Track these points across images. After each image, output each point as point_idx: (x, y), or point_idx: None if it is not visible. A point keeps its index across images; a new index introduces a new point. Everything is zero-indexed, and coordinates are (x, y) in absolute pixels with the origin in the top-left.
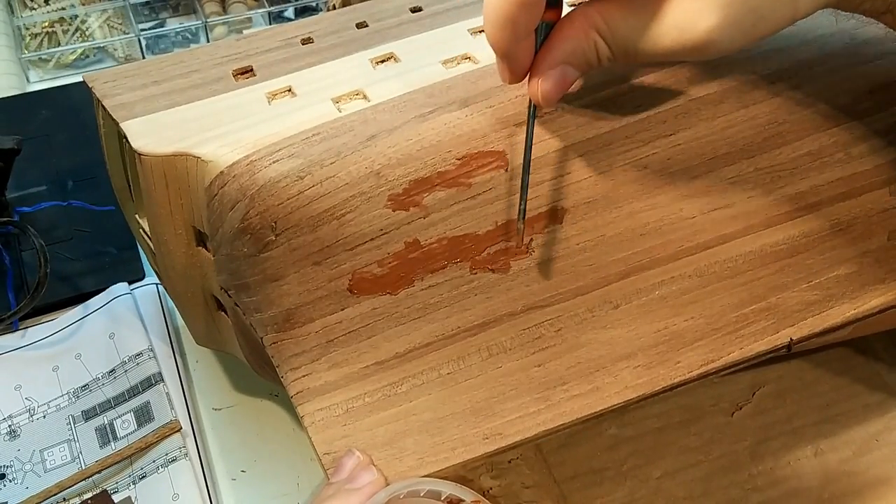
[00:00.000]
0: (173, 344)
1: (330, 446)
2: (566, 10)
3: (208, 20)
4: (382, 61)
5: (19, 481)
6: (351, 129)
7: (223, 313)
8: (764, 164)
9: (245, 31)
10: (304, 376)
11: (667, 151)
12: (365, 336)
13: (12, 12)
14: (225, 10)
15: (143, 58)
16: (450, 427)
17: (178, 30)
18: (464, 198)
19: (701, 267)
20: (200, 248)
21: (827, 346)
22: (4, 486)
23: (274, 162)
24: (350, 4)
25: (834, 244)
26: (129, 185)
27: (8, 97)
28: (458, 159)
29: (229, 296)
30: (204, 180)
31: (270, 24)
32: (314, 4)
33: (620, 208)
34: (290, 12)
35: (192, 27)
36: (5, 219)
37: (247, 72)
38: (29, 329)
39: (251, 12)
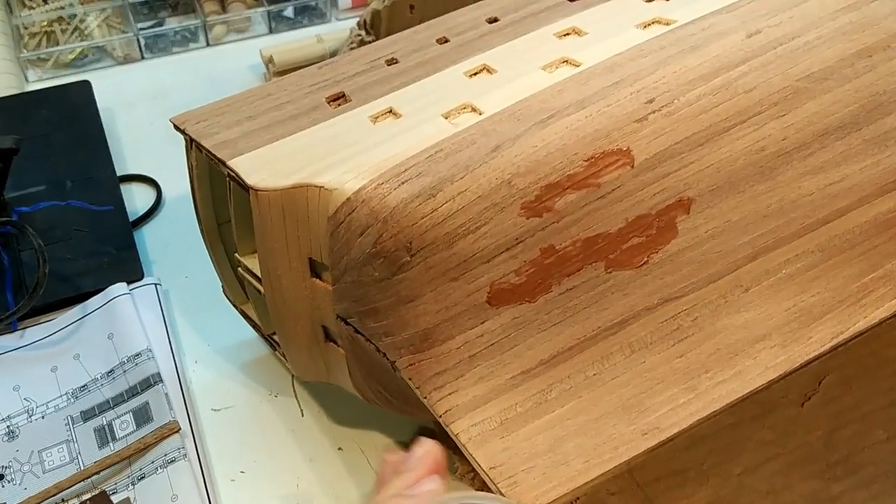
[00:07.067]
0: (172, 345)
1: (494, 460)
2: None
3: (207, 19)
4: (476, 73)
5: (18, 482)
6: (473, 142)
7: (332, 343)
8: (870, 134)
9: (316, 64)
10: (450, 394)
11: (781, 132)
12: (508, 347)
13: (11, 11)
14: (224, 10)
15: (142, 57)
16: (606, 427)
17: (177, 29)
18: (594, 198)
19: (822, 242)
20: (314, 279)
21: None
22: (3, 486)
23: (402, 183)
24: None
25: None
26: (220, 225)
27: (6, 97)
28: (586, 160)
29: (348, 324)
30: (328, 209)
31: (270, 23)
32: (314, 4)
33: (743, 192)
34: (289, 12)
35: (191, 26)
36: (4, 219)
37: (340, 97)
38: (28, 329)
39: (250, 11)
